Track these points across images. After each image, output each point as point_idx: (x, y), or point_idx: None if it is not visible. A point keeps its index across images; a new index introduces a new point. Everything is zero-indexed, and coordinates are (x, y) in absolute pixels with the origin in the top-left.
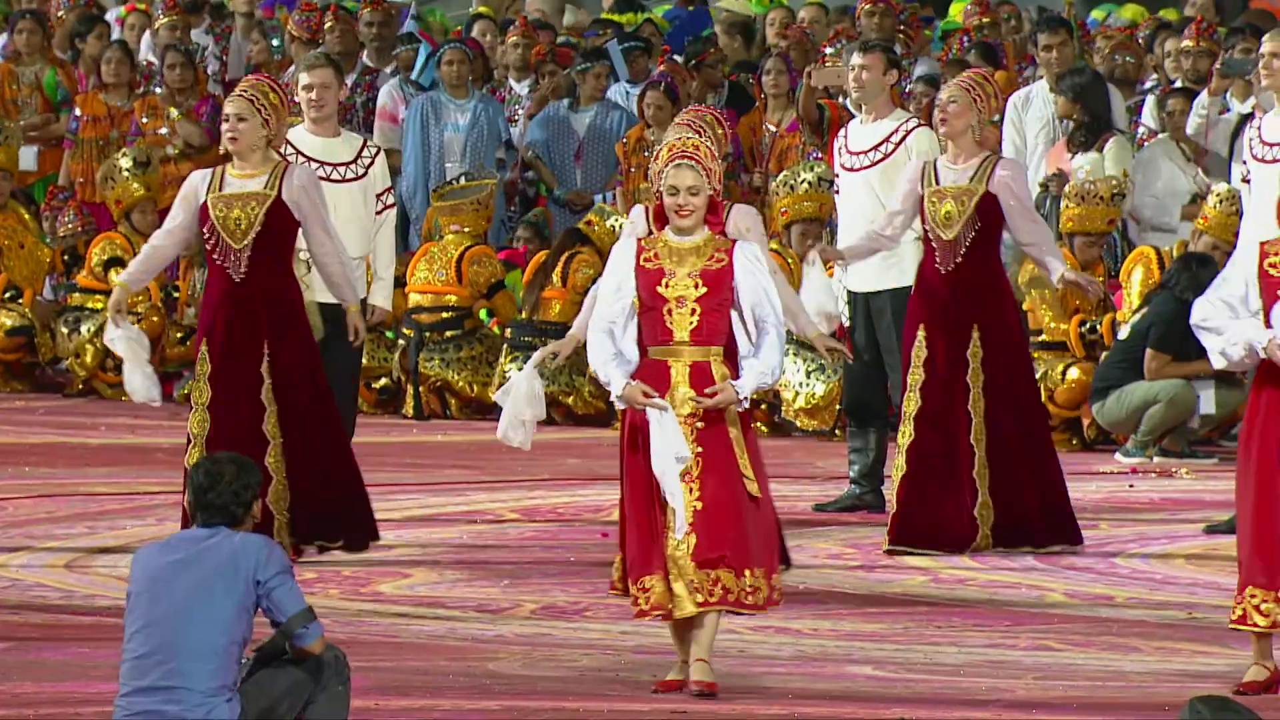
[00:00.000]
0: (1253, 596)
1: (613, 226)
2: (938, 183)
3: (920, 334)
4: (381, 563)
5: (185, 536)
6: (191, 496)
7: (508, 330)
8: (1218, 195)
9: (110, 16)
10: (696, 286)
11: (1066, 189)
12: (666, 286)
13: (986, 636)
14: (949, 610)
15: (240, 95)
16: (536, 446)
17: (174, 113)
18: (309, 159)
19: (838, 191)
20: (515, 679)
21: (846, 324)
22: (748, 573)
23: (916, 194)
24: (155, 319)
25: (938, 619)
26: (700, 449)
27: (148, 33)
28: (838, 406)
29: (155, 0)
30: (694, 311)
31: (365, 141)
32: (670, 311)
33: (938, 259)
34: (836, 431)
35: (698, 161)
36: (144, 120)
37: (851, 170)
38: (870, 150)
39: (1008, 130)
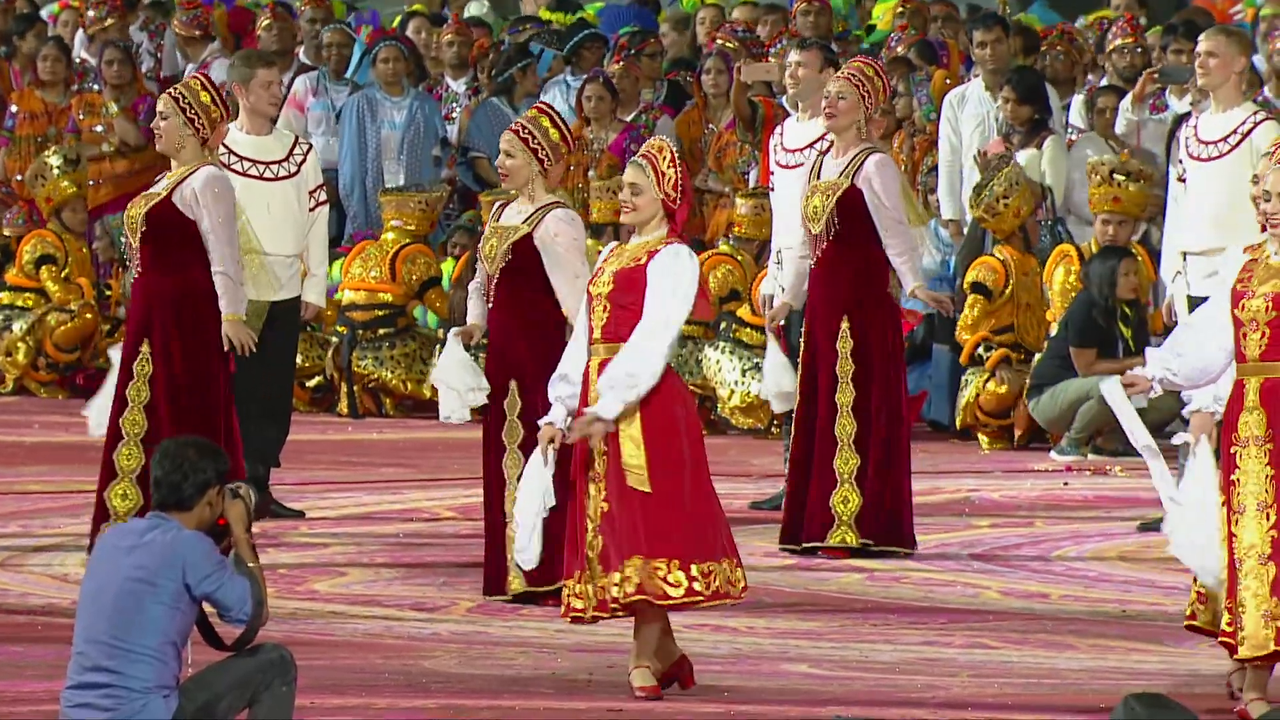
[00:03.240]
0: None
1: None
2: (819, 177)
3: (803, 327)
4: (316, 562)
5: (132, 527)
6: (151, 475)
7: (440, 330)
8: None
9: (43, 14)
10: (609, 284)
11: (1099, 165)
12: (594, 283)
13: (922, 634)
14: (884, 608)
15: (168, 93)
16: (473, 445)
17: (113, 108)
18: (241, 158)
19: (773, 189)
20: (451, 677)
21: (781, 322)
22: (661, 565)
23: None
24: (88, 316)
25: (873, 617)
26: (606, 449)
27: (81, 30)
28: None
29: None
30: (605, 309)
31: (297, 139)
32: (593, 308)
33: (812, 252)
34: (772, 429)
35: (649, 161)
36: (81, 117)
37: (787, 168)
38: (806, 148)
39: (943, 128)
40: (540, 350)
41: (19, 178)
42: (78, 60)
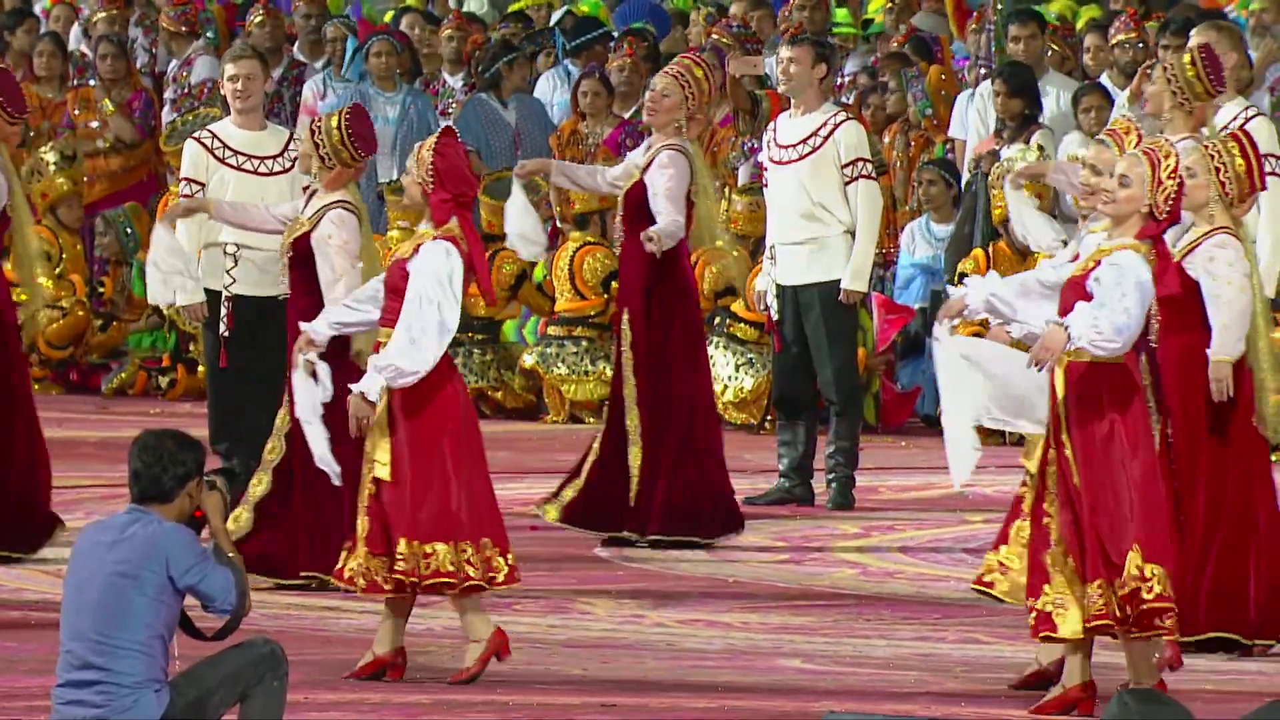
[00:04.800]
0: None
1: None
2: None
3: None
4: None
5: (112, 523)
6: (129, 468)
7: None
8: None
9: (36, 9)
10: (390, 274)
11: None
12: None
13: (915, 629)
14: (878, 604)
15: None
16: None
17: (108, 105)
18: (235, 151)
19: (765, 185)
20: (445, 672)
21: (775, 317)
22: (403, 543)
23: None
24: (80, 313)
25: (866, 612)
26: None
27: (76, 24)
28: (766, 400)
29: None
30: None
31: (291, 134)
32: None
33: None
34: (765, 425)
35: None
36: (76, 112)
37: (780, 163)
38: (799, 144)
39: (973, 119)
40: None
41: None
42: (76, 55)
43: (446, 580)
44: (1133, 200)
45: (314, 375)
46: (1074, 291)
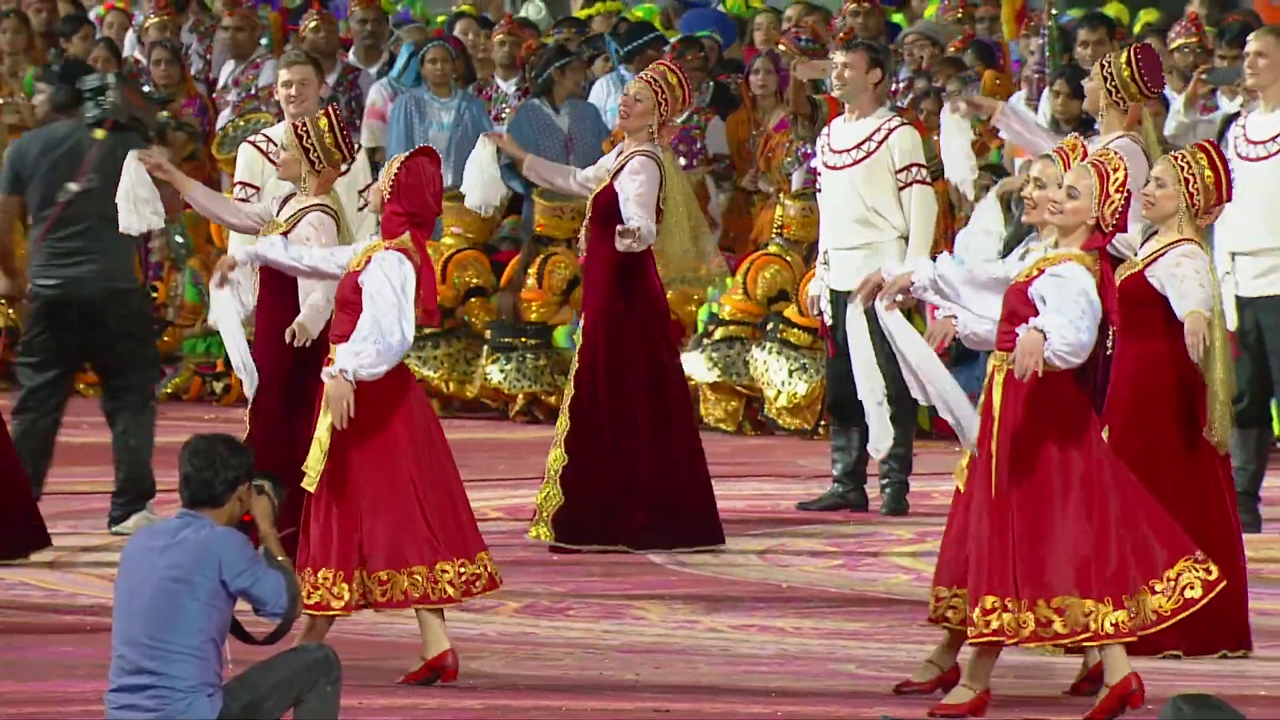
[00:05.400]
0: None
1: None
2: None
3: None
4: None
5: (163, 527)
6: (179, 473)
7: (487, 331)
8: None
9: (91, 16)
10: (341, 288)
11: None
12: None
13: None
14: None
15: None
16: (518, 445)
17: (163, 115)
18: None
19: (819, 190)
20: (498, 677)
21: (828, 322)
22: (328, 575)
23: None
24: None
25: (920, 618)
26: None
27: (130, 30)
28: (820, 405)
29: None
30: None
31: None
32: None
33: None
34: (819, 430)
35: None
36: None
37: (834, 169)
38: (853, 148)
39: (1017, 129)
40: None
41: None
42: (130, 61)
43: (418, 605)
44: (1080, 212)
45: (223, 284)
46: (1016, 297)
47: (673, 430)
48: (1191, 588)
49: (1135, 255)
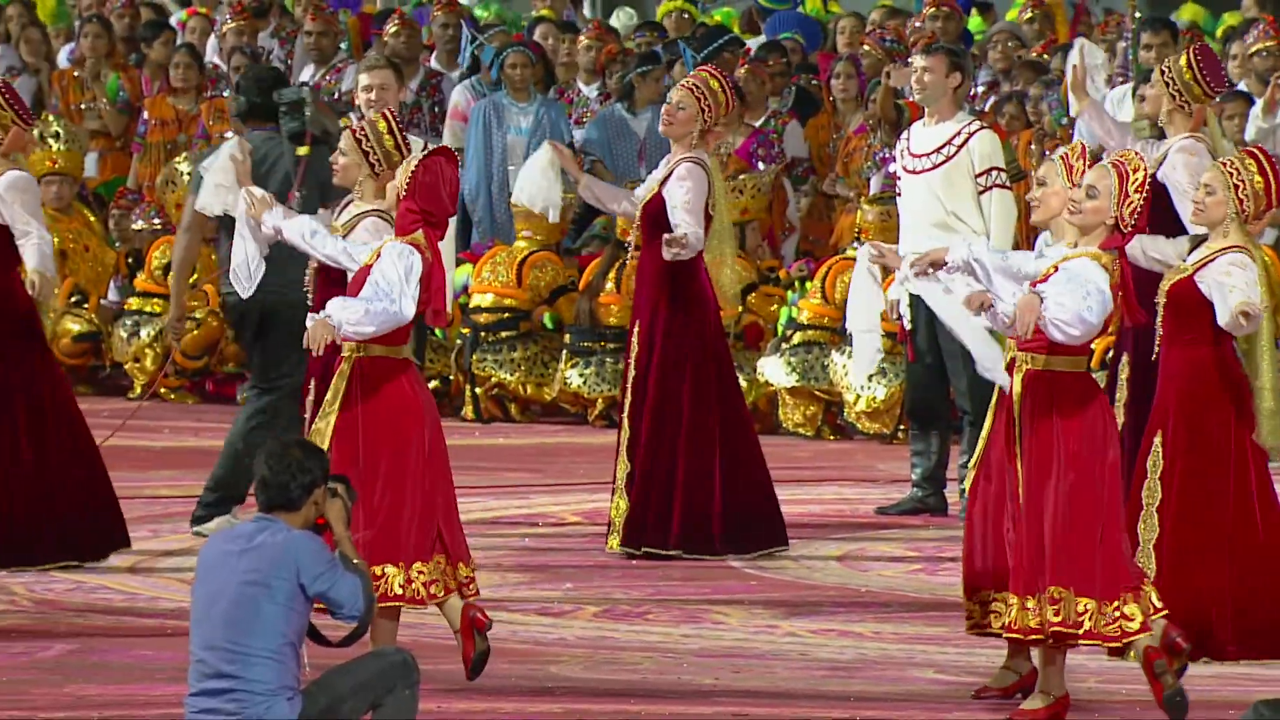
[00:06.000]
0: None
1: None
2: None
3: None
4: None
5: (240, 531)
6: (255, 477)
7: (566, 335)
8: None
9: (172, 21)
10: (353, 283)
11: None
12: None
13: None
14: None
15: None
16: (597, 450)
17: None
18: None
19: (899, 194)
20: (577, 681)
21: (909, 326)
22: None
23: None
24: (214, 323)
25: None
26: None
27: (213, 36)
28: (899, 409)
29: (220, 4)
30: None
31: (425, 144)
32: None
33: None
34: (898, 434)
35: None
36: (210, 123)
37: (913, 173)
38: (932, 153)
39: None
40: None
41: (148, 184)
42: (210, 66)
43: (396, 604)
44: (1098, 211)
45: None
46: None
47: (731, 432)
48: (1131, 620)
49: (1185, 262)
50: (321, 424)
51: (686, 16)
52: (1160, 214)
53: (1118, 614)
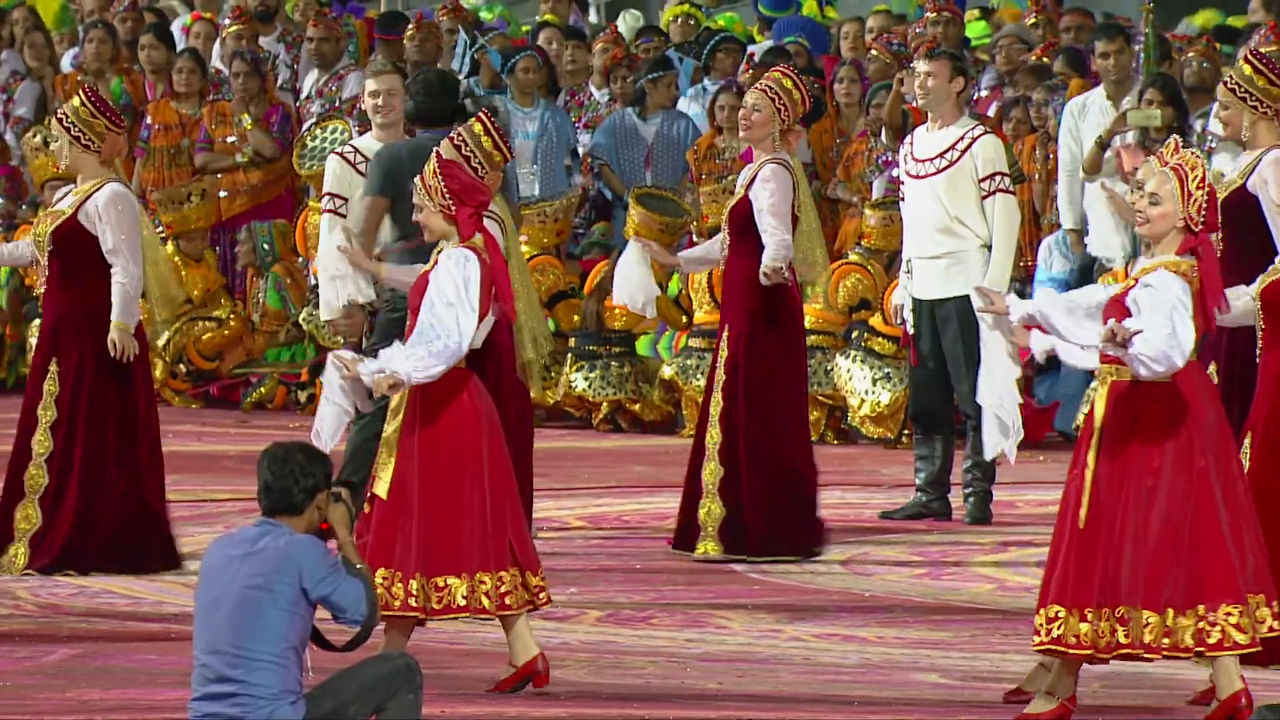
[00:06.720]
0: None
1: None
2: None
3: None
4: None
5: (243, 536)
6: (258, 481)
7: (572, 339)
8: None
9: (175, 25)
10: (413, 293)
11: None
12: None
13: None
14: (1016, 619)
15: (55, 117)
16: (603, 454)
17: (246, 120)
18: None
19: (903, 199)
20: (581, 686)
21: (911, 331)
22: (415, 580)
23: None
24: (234, 323)
25: (1004, 628)
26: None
27: (217, 41)
28: (903, 414)
29: (223, 8)
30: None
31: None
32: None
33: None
34: (902, 439)
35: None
36: (212, 127)
37: (917, 178)
38: (936, 157)
39: (1064, 138)
40: None
41: (151, 189)
42: (213, 71)
43: (460, 614)
44: (1166, 217)
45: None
46: (1114, 309)
47: (802, 438)
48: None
49: None
50: (389, 431)
51: (692, 21)
52: (1248, 226)
53: (1202, 623)
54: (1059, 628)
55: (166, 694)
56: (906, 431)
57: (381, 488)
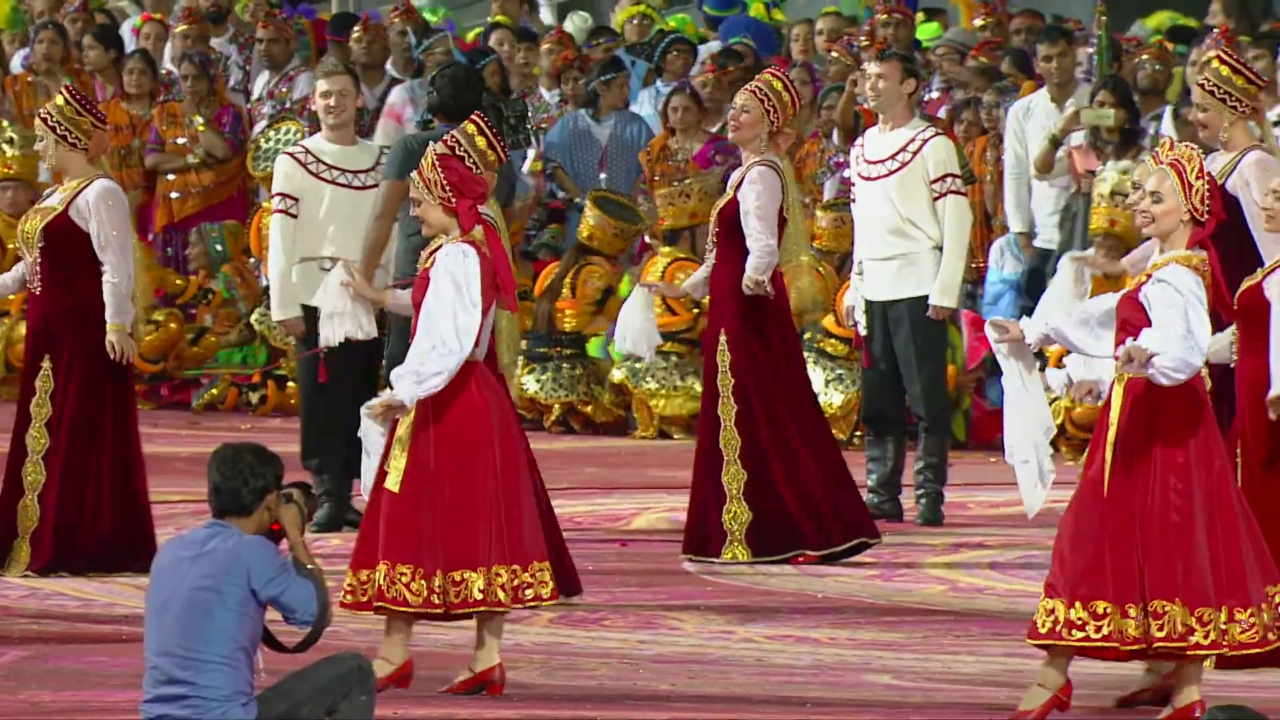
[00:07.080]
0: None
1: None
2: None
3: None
4: None
5: (192, 538)
6: (208, 483)
7: (523, 341)
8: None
9: (126, 26)
10: (416, 289)
11: (1105, 190)
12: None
13: (1005, 646)
14: (967, 620)
15: (38, 116)
16: (555, 455)
17: (198, 121)
18: (329, 166)
19: (854, 200)
20: (533, 688)
21: (864, 333)
22: (439, 576)
23: None
24: (174, 326)
25: (956, 629)
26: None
27: (168, 42)
28: (855, 416)
29: (173, 9)
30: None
31: (382, 149)
32: None
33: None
34: (854, 440)
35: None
36: (163, 128)
37: (869, 179)
38: (888, 159)
39: (1009, 140)
40: None
41: None
42: (164, 73)
43: (477, 608)
44: (1170, 213)
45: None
46: (1127, 306)
47: (821, 432)
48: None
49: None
50: (401, 429)
51: (648, 22)
52: (1227, 228)
53: (1221, 623)
54: (1108, 625)
55: (118, 696)
56: (859, 433)
57: (393, 482)
